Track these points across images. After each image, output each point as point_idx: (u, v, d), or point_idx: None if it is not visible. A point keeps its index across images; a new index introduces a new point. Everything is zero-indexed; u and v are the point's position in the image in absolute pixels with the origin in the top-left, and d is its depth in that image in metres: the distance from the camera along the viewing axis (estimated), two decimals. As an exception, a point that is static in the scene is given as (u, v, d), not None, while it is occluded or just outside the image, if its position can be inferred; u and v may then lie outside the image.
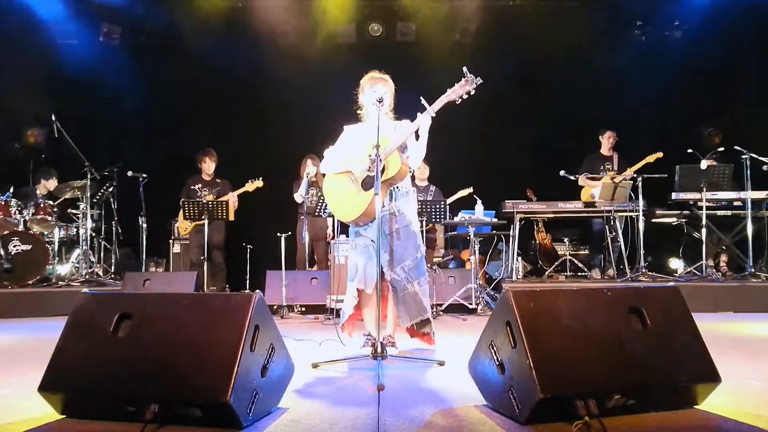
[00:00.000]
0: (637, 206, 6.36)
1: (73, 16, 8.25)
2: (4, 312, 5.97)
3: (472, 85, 3.34)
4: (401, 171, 3.47)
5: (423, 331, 3.61)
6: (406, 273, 3.49)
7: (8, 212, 6.66)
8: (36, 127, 8.26)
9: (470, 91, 3.35)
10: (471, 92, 3.35)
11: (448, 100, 3.38)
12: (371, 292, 3.52)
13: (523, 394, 2.09)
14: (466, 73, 3.34)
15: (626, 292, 2.42)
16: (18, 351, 4.04)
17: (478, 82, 3.34)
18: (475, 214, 6.50)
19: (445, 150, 6.36)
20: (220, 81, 8.53)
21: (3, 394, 2.72)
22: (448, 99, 3.38)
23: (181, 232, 7.18)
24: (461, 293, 6.01)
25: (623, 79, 8.31)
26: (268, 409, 2.33)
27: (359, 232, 3.64)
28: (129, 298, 2.55)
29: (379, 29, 8.62)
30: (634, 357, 2.19)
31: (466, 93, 3.36)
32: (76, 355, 2.26)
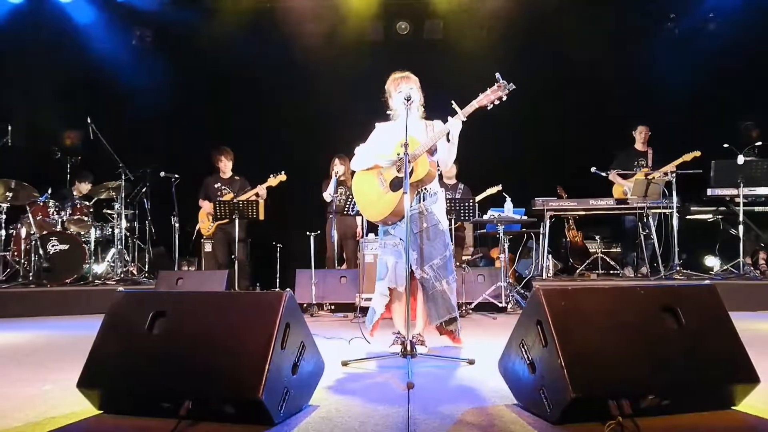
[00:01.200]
0: (671, 203, 6.23)
1: (106, 21, 8.44)
2: (43, 310, 6.15)
3: (504, 91, 3.30)
4: (429, 174, 3.46)
5: (449, 328, 3.60)
6: (435, 271, 3.48)
7: (47, 213, 6.85)
8: (72, 130, 8.47)
9: (502, 97, 3.31)
10: (503, 98, 3.32)
11: (479, 105, 3.35)
12: (403, 290, 3.52)
13: (555, 394, 2.07)
14: (498, 78, 3.30)
15: (660, 291, 2.38)
16: (58, 348, 4.15)
17: (511, 88, 3.30)
18: (505, 211, 6.45)
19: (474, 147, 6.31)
20: (249, 81, 8.62)
21: (44, 389, 2.80)
22: (479, 104, 3.35)
23: (204, 232, 7.22)
24: (491, 291, 5.97)
25: (656, 74, 8.15)
26: (299, 407, 2.35)
27: (388, 231, 3.65)
28: (163, 297, 2.60)
29: (406, 27, 8.61)
30: (668, 356, 2.15)
31: (498, 99, 3.32)
32: (113, 352, 2.32)
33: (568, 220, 7.92)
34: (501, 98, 3.32)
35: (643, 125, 7.11)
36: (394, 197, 3.50)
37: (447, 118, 3.43)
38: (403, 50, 8.50)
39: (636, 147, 7.13)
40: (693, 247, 7.39)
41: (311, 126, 8.47)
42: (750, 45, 7.78)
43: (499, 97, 3.32)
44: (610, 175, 6.93)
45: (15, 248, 6.84)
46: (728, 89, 7.97)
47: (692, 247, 7.35)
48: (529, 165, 8.32)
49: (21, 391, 2.77)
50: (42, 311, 6.14)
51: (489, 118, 3.73)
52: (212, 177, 7.24)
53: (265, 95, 8.68)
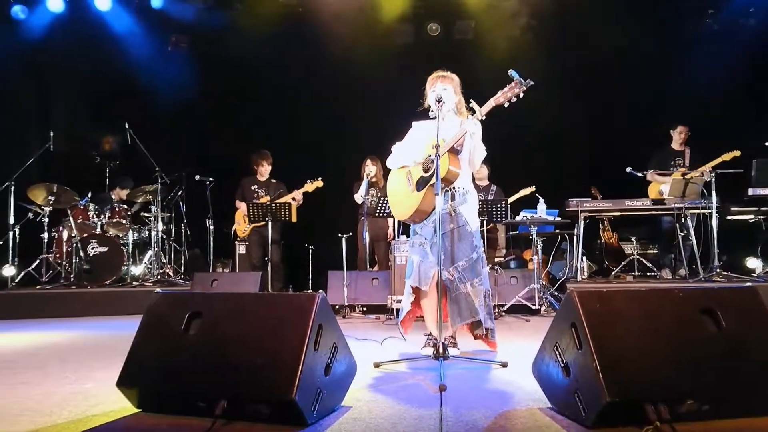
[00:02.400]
0: (710, 203, 6.07)
1: (143, 29, 8.64)
2: (84, 311, 6.33)
3: (521, 87, 3.25)
4: (450, 173, 3.43)
5: (477, 332, 3.56)
6: (460, 273, 3.45)
7: (87, 216, 7.04)
8: (110, 135, 8.70)
9: (519, 93, 3.27)
10: (520, 95, 3.27)
11: (496, 103, 3.31)
12: (426, 290, 3.52)
13: (590, 397, 2.04)
14: (513, 75, 3.26)
15: (699, 293, 2.32)
16: (98, 347, 4.26)
17: (529, 84, 3.25)
18: (538, 213, 6.38)
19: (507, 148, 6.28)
20: (281, 83, 8.72)
21: (85, 387, 2.88)
22: (496, 102, 3.31)
23: (239, 234, 7.32)
24: (524, 294, 5.92)
25: (694, 70, 7.94)
26: (331, 407, 2.37)
27: (416, 231, 3.66)
28: (198, 298, 2.65)
29: (437, 28, 8.59)
30: (707, 360, 2.10)
31: (515, 96, 3.28)
32: (150, 352, 2.38)
33: (603, 221, 7.79)
34: (518, 95, 3.28)
35: (683, 125, 6.94)
36: (417, 196, 3.51)
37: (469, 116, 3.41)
38: (434, 51, 8.49)
39: (673, 146, 6.97)
40: (733, 249, 7.18)
41: (342, 128, 8.52)
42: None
43: (516, 95, 3.28)
44: (648, 175, 6.79)
45: (57, 250, 7.04)
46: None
47: (733, 249, 7.14)
48: (562, 166, 8.21)
49: (64, 389, 2.85)
50: (83, 311, 6.32)
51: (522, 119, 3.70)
52: (249, 179, 7.33)
53: (297, 98, 8.76)
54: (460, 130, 3.41)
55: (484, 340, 3.59)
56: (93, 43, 8.47)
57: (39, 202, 6.89)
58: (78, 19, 8.41)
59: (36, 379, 3.09)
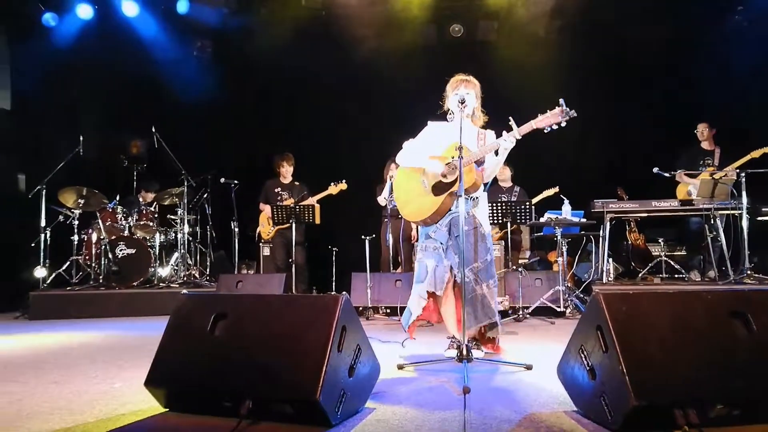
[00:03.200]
0: (740, 203, 5.94)
1: (169, 34, 8.78)
2: (112, 311, 6.45)
3: (565, 117, 3.23)
4: (475, 183, 3.43)
5: (489, 335, 3.54)
6: (475, 275, 3.43)
7: (115, 219, 7.17)
8: (138, 139, 8.85)
9: (561, 122, 3.25)
10: (562, 124, 3.26)
11: (537, 126, 3.29)
12: (442, 294, 3.49)
13: (616, 401, 2.02)
14: (562, 103, 3.23)
15: (728, 295, 2.28)
16: (126, 348, 4.34)
17: (572, 115, 3.23)
18: (563, 214, 6.31)
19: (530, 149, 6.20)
20: (305, 86, 8.77)
21: (114, 387, 2.93)
22: (537, 125, 3.29)
23: (264, 236, 7.37)
24: (548, 296, 5.86)
25: (723, 68, 7.77)
26: (355, 409, 2.38)
27: (429, 235, 3.62)
28: (224, 299, 2.69)
29: (460, 29, 8.56)
30: (738, 364, 2.06)
31: (556, 123, 3.26)
32: (177, 353, 2.41)
33: (629, 223, 7.67)
34: (560, 123, 3.26)
35: (702, 123, 6.81)
36: (434, 201, 3.49)
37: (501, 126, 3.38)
38: (457, 52, 8.47)
39: (702, 146, 6.84)
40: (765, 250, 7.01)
41: (365, 130, 8.54)
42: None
43: (558, 123, 3.25)
44: (677, 175, 6.67)
45: (86, 252, 7.18)
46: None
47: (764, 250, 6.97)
48: (587, 166, 8.11)
49: (94, 388, 2.91)
50: (111, 312, 6.44)
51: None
52: (273, 181, 7.39)
53: (320, 101, 8.81)
54: (492, 144, 3.40)
55: (491, 344, 3.57)
56: (121, 49, 8.63)
57: (69, 205, 7.03)
58: (106, 25, 8.57)
59: (66, 379, 3.16)
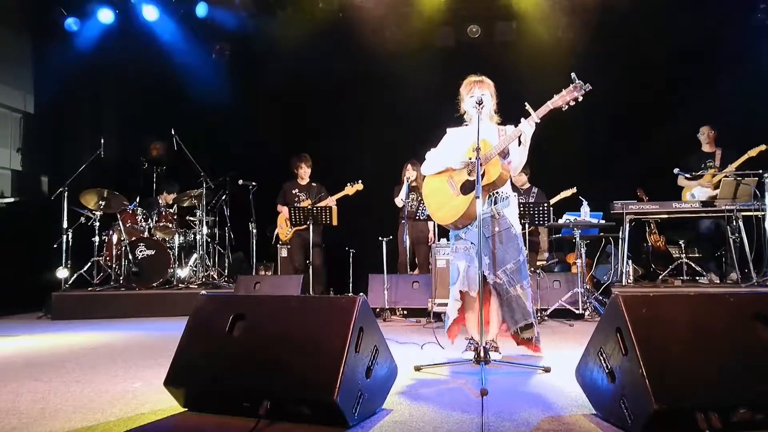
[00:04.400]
0: (764, 204, 5.84)
1: (188, 37, 8.88)
2: (133, 312, 6.53)
3: (581, 91, 3.22)
4: (501, 176, 3.42)
5: (525, 336, 3.52)
6: (509, 276, 3.43)
7: (135, 220, 7.25)
8: (158, 142, 8.96)
9: (578, 97, 3.23)
10: (579, 99, 3.24)
11: (554, 106, 3.28)
12: (475, 295, 3.48)
13: (636, 405, 2.00)
14: (574, 78, 3.22)
15: (751, 297, 2.25)
16: (146, 348, 4.39)
17: (587, 89, 3.22)
18: (581, 215, 6.26)
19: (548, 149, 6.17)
20: (322, 88, 8.81)
21: (134, 387, 2.97)
22: (554, 105, 3.28)
23: (282, 237, 7.40)
24: (567, 298, 5.82)
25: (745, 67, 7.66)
26: (372, 410, 2.38)
27: (459, 236, 3.63)
28: (242, 300, 2.71)
29: (477, 30, 8.53)
30: (761, 367, 2.02)
31: (574, 99, 3.24)
32: (196, 353, 2.43)
33: (649, 224, 7.57)
34: (577, 99, 3.24)
35: (705, 125, 6.76)
36: (464, 201, 3.48)
37: (520, 119, 3.37)
38: (475, 53, 8.44)
39: (703, 149, 6.78)
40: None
41: (383, 132, 8.54)
42: None
43: (575, 98, 3.24)
44: (679, 180, 6.62)
45: (107, 253, 7.27)
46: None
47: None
48: (606, 167, 8.03)
49: (114, 387, 2.95)
50: (131, 313, 6.52)
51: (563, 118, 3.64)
52: (291, 183, 7.42)
53: (338, 102, 8.84)
54: (514, 131, 3.38)
55: (529, 344, 3.55)
56: (141, 53, 8.74)
57: (91, 207, 7.12)
58: (127, 29, 8.70)
59: (88, 378, 3.20)
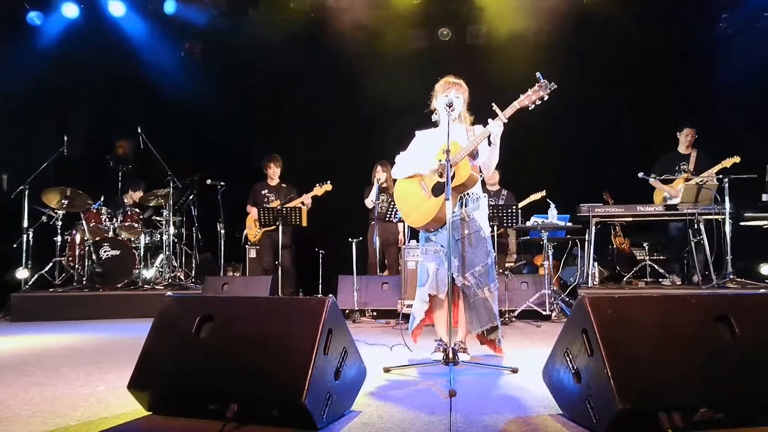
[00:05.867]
0: (724, 209, 6.01)
1: (157, 34, 8.73)
2: (96, 313, 6.37)
3: (546, 90, 3.26)
4: (471, 177, 3.44)
5: (490, 338, 3.56)
6: (477, 278, 3.45)
7: (99, 220, 7.10)
8: (124, 140, 8.77)
9: (543, 96, 3.27)
10: (544, 98, 3.27)
11: (520, 106, 3.31)
12: (444, 297, 3.50)
13: (602, 405, 2.03)
14: (539, 77, 3.26)
15: (713, 299, 2.31)
16: (110, 350, 4.29)
17: (552, 87, 3.25)
18: (549, 218, 6.35)
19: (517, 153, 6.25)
20: (293, 88, 8.77)
21: (98, 390, 2.90)
22: (520, 105, 3.31)
23: (251, 238, 7.33)
24: (535, 299, 5.89)
25: (708, 75, 7.88)
26: (341, 412, 2.37)
27: (429, 238, 3.64)
28: (210, 302, 2.66)
29: (448, 33, 8.60)
30: (722, 368, 2.07)
31: (539, 99, 3.28)
32: (162, 355, 2.39)
33: (614, 227, 7.74)
34: (543, 98, 3.27)
35: (689, 127, 6.89)
36: (436, 203, 3.49)
37: (489, 122, 3.40)
38: (446, 56, 8.50)
39: (679, 150, 6.93)
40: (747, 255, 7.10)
41: (354, 133, 8.54)
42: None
43: (541, 97, 3.27)
44: (651, 181, 6.76)
45: (70, 254, 7.10)
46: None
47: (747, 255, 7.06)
48: (574, 170, 8.16)
49: (77, 391, 2.87)
50: (95, 314, 6.36)
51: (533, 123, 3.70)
52: (260, 183, 7.37)
53: (309, 103, 8.80)
54: (482, 132, 3.39)
55: (493, 345, 3.59)
56: (107, 49, 8.55)
57: (53, 206, 6.95)
58: (92, 24, 8.49)
59: (49, 381, 3.12)
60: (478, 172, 3.55)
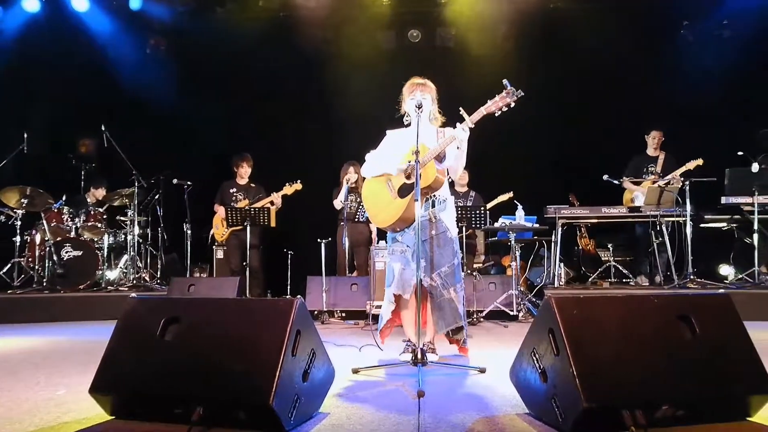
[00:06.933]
0: (685, 211, 6.18)
1: (121, 30, 8.55)
2: (57, 315, 6.20)
3: (513, 97, 3.28)
4: (437, 180, 3.45)
5: (456, 338, 3.58)
6: (443, 279, 3.47)
7: (61, 219, 6.92)
8: (87, 138, 8.57)
9: (510, 103, 3.28)
10: (511, 105, 3.29)
11: (487, 112, 3.33)
12: (409, 297, 3.51)
13: (567, 403, 2.06)
14: (506, 84, 3.28)
15: (674, 300, 2.36)
16: (72, 353, 4.18)
17: (519, 94, 3.28)
18: (516, 219, 6.42)
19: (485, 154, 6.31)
20: (262, 87, 8.68)
21: (58, 394, 2.82)
22: (487, 111, 3.33)
23: (218, 238, 7.22)
24: (502, 300, 5.95)
25: (671, 80, 8.09)
26: (309, 414, 2.35)
27: (396, 238, 3.64)
28: (175, 303, 2.62)
29: (417, 35, 8.64)
30: (683, 366, 2.13)
31: (506, 105, 3.29)
32: (125, 358, 2.33)
33: (580, 228, 7.88)
34: (509, 105, 3.30)
35: (656, 130, 7.06)
36: (401, 203, 3.49)
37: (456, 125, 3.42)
38: (416, 58, 8.53)
39: (647, 152, 7.09)
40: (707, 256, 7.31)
41: (322, 133, 8.51)
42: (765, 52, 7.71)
43: (508, 104, 3.30)
44: (623, 183, 6.90)
45: (30, 254, 6.91)
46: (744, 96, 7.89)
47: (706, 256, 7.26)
48: (541, 172, 8.28)
49: (36, 395, 2.79)
50: (56, 317, 6.19)
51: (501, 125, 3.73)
52: (229, 182, 7.28)
53: (278, 102, 8.73)
54: (448, 137, 3.41)
55: (459, 345, 3.61)
56: (70, 44, 8.36)
57: (12, 205, 6.76)
58: (54, 19, 8.29)
59: (6, 385, 3.02)
60: (445, 174, 3.57)
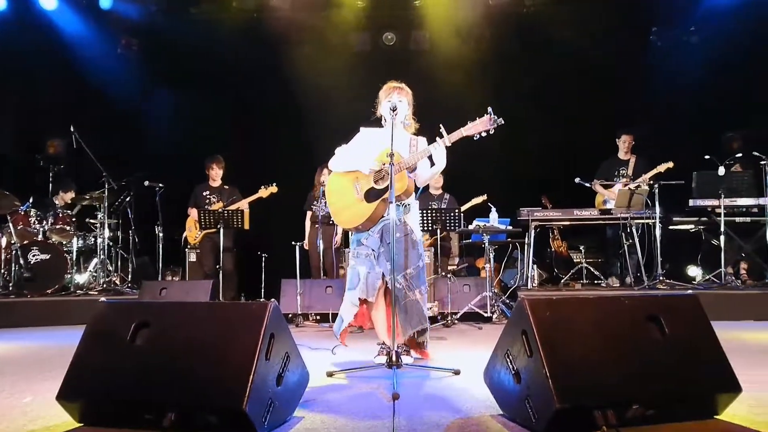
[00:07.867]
0: (654, 213, 6.30)
1: (92, 29, 8.40)
2: (24, 320, 6.05)
3: (493, 124, 3.33)
4: (407, 190, 3.48)
5: (419, 340, 3.57)
6: (408, 281, 3.48)
7: (28, 222, 6.76)
8: (55, 139, 8.38)
9: (489, 130, 3.34)
10: (490, 131, 3.35)
11: (466, 134, 3.37)
12: (373, 301, 3.51)
13: (540, 404, 2.08)
14: (490, 111, 3.32)
15: (644, 301, 2.39)
16: (39, 359, 4.08)
17: (500, 122, 3.33)
18: (490, 221, 6.47)
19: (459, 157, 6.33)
20: (236, 89, 8.62)
21: (24, 402, 2.75)
22: (466, 133, 3.37)
23: (190, 241, 7.14)
24: (476, 301, 5.98)
25: (640, 85, 8.25)
26: (283, 418, 2.33)
27: (361, 241, 3.62)
28: (146, 307, 2.58)
29: (392, 38, 8.67)
30: (652, 366, 2.16)
31: (485, 131, 3.35)
32: (94, 364, 2.29)
33: (552, 230, 7.97)
34: (489, 131, 3.35)
35: (626, 134, 7.18)
36: (367, 208, 3.49)
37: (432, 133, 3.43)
38: (390, 61, 8.54)
39: (619, 156, 7.21)
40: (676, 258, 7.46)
41: (297, 135, 8.46)
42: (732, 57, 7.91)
43: (487, 130, 3.35)
44: (594, 186, 7.00)
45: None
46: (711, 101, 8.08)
47: (675, 258, 7.41)
48: (514, 175, 8.36)
49: (0, 403, 2.71)
50: (23, 322, 6.04)
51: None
52: (202, 185, 7.20)
53: (252, 103, 8.67)
54: (422, 150, 3.44)
55: (420, 349, 3.61)
56: (38, 43, 8.18)
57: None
58: (22, 18, 8.10)
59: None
60: (413, 183, 3.58)
